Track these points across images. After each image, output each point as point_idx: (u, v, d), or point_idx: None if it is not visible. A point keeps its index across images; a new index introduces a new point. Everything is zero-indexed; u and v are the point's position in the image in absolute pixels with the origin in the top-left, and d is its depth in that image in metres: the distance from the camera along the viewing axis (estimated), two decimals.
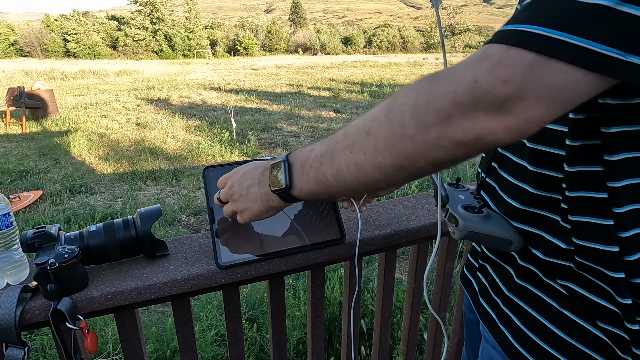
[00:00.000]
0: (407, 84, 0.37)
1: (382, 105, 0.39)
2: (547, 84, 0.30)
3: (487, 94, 0.31)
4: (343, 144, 0.41)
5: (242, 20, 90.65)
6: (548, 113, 0.31)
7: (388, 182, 0.40)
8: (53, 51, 51.96)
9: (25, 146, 6.46)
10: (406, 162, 0.36)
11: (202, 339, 1.86)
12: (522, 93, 0.30)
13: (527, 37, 0.31)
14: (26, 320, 0.61)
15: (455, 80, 0.33)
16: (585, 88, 0.31)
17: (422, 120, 0.34)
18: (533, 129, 0.32)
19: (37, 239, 0.64)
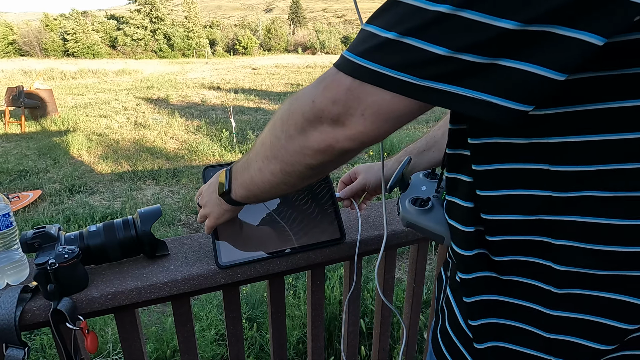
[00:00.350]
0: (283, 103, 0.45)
1: (270, 120, 0.46)
2: (365, 104, 0.35)
3: (323, 111, 0.37)
4: (253, 153, 0.49)
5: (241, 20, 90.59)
6: (377, 127, 0.36)
7: (288, 184, 0.47)
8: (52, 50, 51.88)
9: (24, 146, 6.45)
10: (288, 167, 0.44)
11: (202, 338, 1.86)
12: (348, 110, 0.36)
13: (346, 63, 0.36)
14: (26, 321, 0.61)
15: (303, 100, 0.39)
16: (402, 107, 0.34)
17: (288, 133, 0.41)
18: (371, 138, 0.37)
19: (37, 239, 0.64)
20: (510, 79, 0.29)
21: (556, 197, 0.37)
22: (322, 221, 0.81)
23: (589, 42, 0.27)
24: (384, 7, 0.34)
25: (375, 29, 0.33)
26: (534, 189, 0.38)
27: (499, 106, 0.30)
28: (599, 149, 0.34)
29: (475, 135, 0.40)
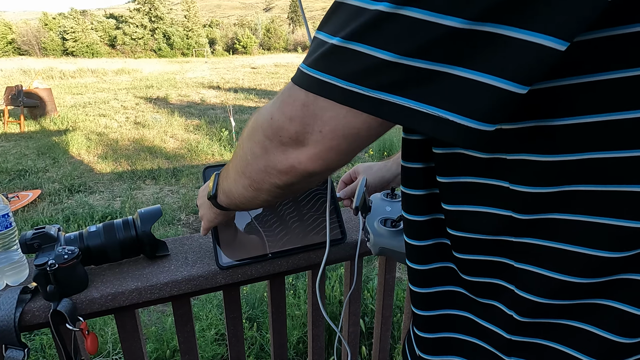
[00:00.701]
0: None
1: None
2: (321, 120, 0.31)
3: (281, 129, 0.34)
4: (231, 163, 0.47)
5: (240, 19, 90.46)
6: (337, 145, 0.32)
7: (261, 200, 0.44)
8: (51, 50, 51.78)
9: (23, 145, 6.44)
10: (256, 183, 0.41)
11: (202, 338, 1.86)
12: (306, 128, 0.32)
13: (299, 75, 0.33)
14: (26, 322, 0.61)
15: (263, 116, 0.36)
16: (359, 123, 0.31)
17: (253, 150, 0.38)
18: (334, 160, 0.34)
19: (37, 240, 0.64)
20: (463, 90, 0.26)
21: (518, 218, 0.34)
22: (324, 222, 0.80)
23: (548, 46, 0.23)
24: (330, 10, 0.31)
25: (323, 35, 0.30)
26: (497, 208, 0.35)
27: (454, 123, 0.26)
28: (560, 169, 0.31)
29: (438, 144, 0.38)
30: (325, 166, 0.34)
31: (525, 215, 0.34)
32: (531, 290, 0.35)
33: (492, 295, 0.39)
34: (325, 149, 0.33)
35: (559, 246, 0.33)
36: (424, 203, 0.42)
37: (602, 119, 0.29)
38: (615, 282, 0.33)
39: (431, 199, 0.41)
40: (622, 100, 0.28)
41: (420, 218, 0.43)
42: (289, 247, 0.77)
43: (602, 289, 0.34)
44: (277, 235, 0.77)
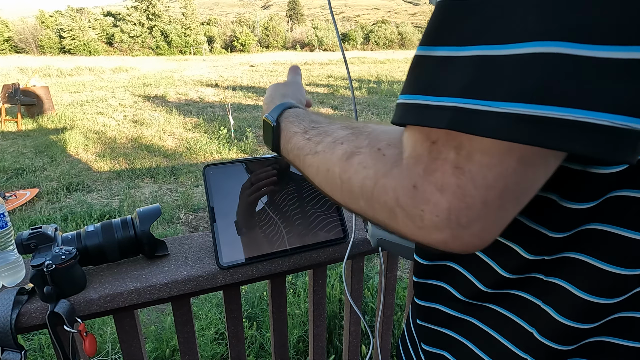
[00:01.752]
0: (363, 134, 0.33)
1: (342, 151, 0.34)
2: (483, 186, 0.23)
3: (429, 203, 0.25)
4: (313, 161, 0.39)
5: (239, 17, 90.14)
6: (508, 213, 0.25)
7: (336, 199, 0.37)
8: (48, 48, 51.52)
9: (21, 144, 6.40)
10: (350, 202, 0.34)
11: (202, 337, 1.85)
12: (463, 202, 0.24)
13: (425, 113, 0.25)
14: (22, 323, 0.60)
15: (396, 178, 0.27)
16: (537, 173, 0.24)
17: (370, 204, 0.30)
18: (496, 234, 0.26)
19: (33, 240, 0.63)
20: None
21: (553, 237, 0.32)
22: (325, 220, 0.79)
23: None
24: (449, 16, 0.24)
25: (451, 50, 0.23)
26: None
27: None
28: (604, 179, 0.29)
29: None
30: (479, 247, 0.26)
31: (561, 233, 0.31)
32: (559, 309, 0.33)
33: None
34: (489, 225, 0.25)
35: (591, 261, 0.31)
36: None
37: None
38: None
39: None
40: None
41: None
42: (291, 247, 0.76)
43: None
44: (278, 234, 0.76)
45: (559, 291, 0.33)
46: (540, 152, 0.23)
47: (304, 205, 0.78)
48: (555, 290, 0.33)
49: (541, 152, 0.23)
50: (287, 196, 0.78)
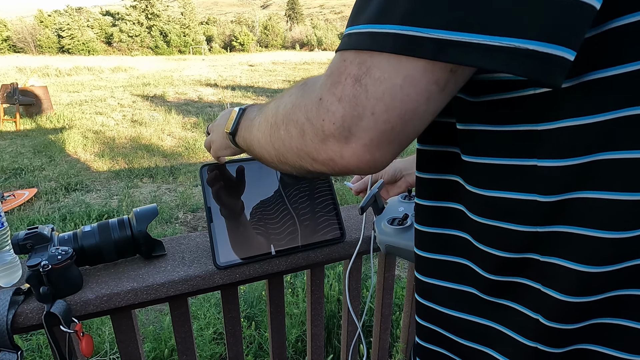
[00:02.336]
0: (296, 82, 0.38)
1: (282, 94, 0.39)
2: (374, 97, 0.27)
3: (327, 112, 0.29)
4: (259, 120, 0.43)
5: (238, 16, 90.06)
6: (392, 129, 0.28)
7: (282, 169, 0.40)
8: (47, 47, 51.42)
9: (19, 143, 6.39)
10: (283, 158, 0.37)
11: (200, 337, 1.85)
12: (356, 109, 0.28)
13: (346, 39, 0.29)
14: (19, 324, 0.60)
15: (309, 95, 0.31)
16: (419, 92, 0.27)
17: (288, 129, 0.34)
18: (386, 151, 0.29)
19: (29, 240, 0.63)
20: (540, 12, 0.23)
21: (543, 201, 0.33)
22: (322, 220, 0.79)
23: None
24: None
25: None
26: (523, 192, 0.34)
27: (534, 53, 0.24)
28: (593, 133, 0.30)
29: (463, 120, 0.36)
30: (371, 164, 0.29)
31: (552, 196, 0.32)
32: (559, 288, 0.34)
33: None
34: (376, 137, 0.28)
35: (587, 232, 0.32)
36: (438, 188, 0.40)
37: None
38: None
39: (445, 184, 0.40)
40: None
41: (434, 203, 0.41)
42: (288, 247, 0.76)
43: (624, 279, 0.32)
44: (275, 234, 0.76)
45: (557, 269, 0.33)
46: (424, 72, 0.26)
47: (301, 206, 0.78)
48: (553, 270, 0.33)
49: (426, 72, 0.26)
50: (284, 197, 0.78)
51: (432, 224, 0.42)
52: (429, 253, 0.43)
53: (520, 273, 0.36)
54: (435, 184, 0.41)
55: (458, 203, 0.39)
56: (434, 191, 0.41)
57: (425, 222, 0.43)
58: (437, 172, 0.40)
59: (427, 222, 0.42)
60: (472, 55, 0.25)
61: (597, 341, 0.35)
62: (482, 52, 0.24)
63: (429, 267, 0.43)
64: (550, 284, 0.34)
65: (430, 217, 0.42)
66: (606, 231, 0.31)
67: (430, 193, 0.41)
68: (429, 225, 0.42)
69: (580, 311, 0.34)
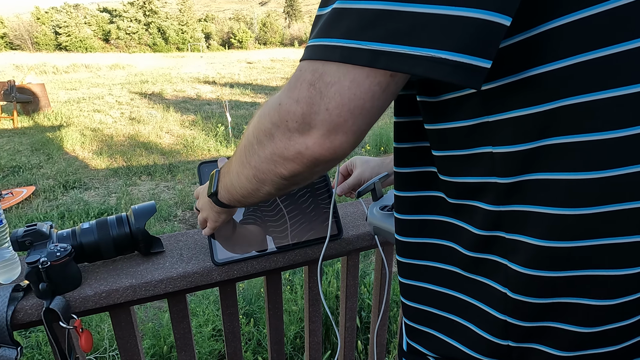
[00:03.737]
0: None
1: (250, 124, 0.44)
2: (326, 97, 0.32)
3: (288, 113, 0.34)
4: (235, 155, 0.46)
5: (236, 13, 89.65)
6: (345, 122, 0.33)
7: (264, 192, 0.44)
8: (44, 44, 51.11)
9: (17, 141, 6.37)
10: (261, 174, 0.41)
11: (199, 334, 1.86)
12: (312, 108, 0.33)
13: (305, 51, 0.34)
14: (18, 320, 0.60)
15: (271, 103, 0.37)
16: (364, 92, 0.32)
17: (259, 138, 0.38)
18: (344, 140, 0.34)
19: (28, 237, 0.63)
20: (453, 27, 0.28)
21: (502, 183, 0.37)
22: (320, 217, 0.80)
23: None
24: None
25: (322, 10, 0.34)
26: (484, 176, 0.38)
27: (449, 61, 0.29)
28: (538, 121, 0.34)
29: (430, 120, 0.40)
30: (332, 150, 0.34)
31: (509, 178, 0.36)
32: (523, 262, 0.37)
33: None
34: (333, 127, 0.33)
35: (541, 210, 0.35)
36: (416, 179, 0.45)
37: (579, 60, 0.31)
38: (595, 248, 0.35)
39: (422, 175, 0.44)
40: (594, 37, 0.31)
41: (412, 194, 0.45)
42: (285, 244, 0.76)
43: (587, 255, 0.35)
44: (273, 231, 0.76)
45: (520, 245, 0.37)
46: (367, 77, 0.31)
47: (299, 202, 0.79)
48: (517, 246, 0.37)
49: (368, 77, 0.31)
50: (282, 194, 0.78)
51: (414, 211, 0.45)
52: (412, 238, 0.46)
53: (491, 250, 0.39)
54: (414, 176, 0.45)
55: (436, 191, 0.43)
56: (413, 183, 0.45)
57: (406, 210, 0.46)
58: (414, 165, 0.45)
59: (409, 210, 0.46)
60: (400, 63, 0.30)
61: (563, 319, 0.38)
62: (409, 60, 0.29)
63: (412, 250, 0.47)
64: (514, 259, 0.37)
65: (411, 206, 0.45)
66: (559, 208, 0.34)
67: (409, 185, 0.45)
68: (411, 214, 0.46)
69: (544, 286, 0.37)
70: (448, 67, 0.29)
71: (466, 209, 0.40)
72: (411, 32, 0.29)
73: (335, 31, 0.32)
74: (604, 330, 0.36)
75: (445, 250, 0.43)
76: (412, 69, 0.29)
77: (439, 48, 0.29)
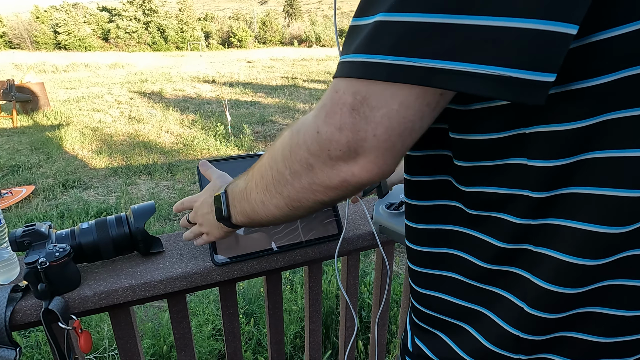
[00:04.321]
0: (282, 132, 0.41)
1: (269, 150, 0.42)
2: (373, 122, 0.30)
3: (330, 142, 0.32)
4: (252, 184, 0.45)
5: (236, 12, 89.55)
6: (393, 146, 0.31)
7: (296, 216, 0.42)
8: (43, 43, 51.04)
9: (16, 140, 6.36)
10: (295, 202, 0.39)
11: (199, 334, 1.86)
12: (359, 134, 0.31)
13: (341, 67, 0.31)
14: (17, 321, 0.60)
15: (305, 132, 0.34)
16: (413, 114, 0.30)
17: (293, 169, 0.37)
18: (391, 162, 0.33)
19: (27, 237, 0.63)
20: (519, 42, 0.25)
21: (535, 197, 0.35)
22: (320, 217, 0.79)
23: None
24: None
25: (362, 20, 0.30)
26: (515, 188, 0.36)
27: (516, 80, 0.26)
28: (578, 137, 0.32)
29: (456, 130, 0.38)
30: (380, 173, 0.33)
31: (543, 192, 0.34)
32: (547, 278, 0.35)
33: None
34: (381, 153, 0.31)
35: (575, 225, 0.33)
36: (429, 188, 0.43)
37: (627, 74, 0.29)
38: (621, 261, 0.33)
39: (436, 184, 0.42)
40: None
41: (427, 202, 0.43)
42: (286, 243, 0.76)
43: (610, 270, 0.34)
44: (273, 230, 0.76)
45: (547, 260, 0.35)
46: (417, 97, 0.29)
47: None
48: (544, 260, 0.35)
49: (418, 97, 0.29)
50: None
51: (427, 221, 0.44)
52: (425, 247, 0.45)
53: (514, 262, 0.37)
54: (427, 184, 0.42)
55: (452, 200, 0.41)
56: (426, 191, 0.43)
57: (419, 219, 0.44)
58: (428, 174, 0.42)
59: (420, 219, 0.44)
60: (458, 81, 0.27)
61: (578, 328, 0.37)
62: (469, 78, 0.27)
63: (426, 259, 0.45)
64: (539, 274, 0.36)
65: (423, 214, 0.44)
66: (593, 224, 0.33)
67: (421, 193, 0.43)
68: (424, 223, 0.44)
69: (565, 301, 0.35)
70: (516, 86, 0.26)
71: (488, 220, 0.38)
72: (471, 47, 0.26)
73: (379, 46, 0.28)
74: (621, 341, 0.35)
75: (460, 261, 0.42)
76: (473, 88, 0.27)
77: (504, 65, 0.26)
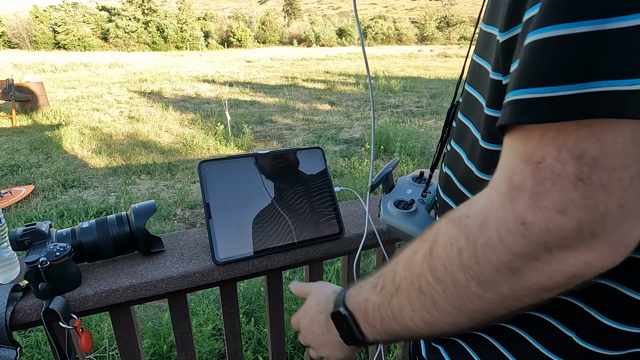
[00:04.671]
0: (433, 227, 0.31)
1: (420, 254, 0.33)
2: (617, 187, 0.21)
3: (550, 231, 0.23)
4: (400, 300, 0.36)
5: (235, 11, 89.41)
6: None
7: (475, 328, 0.33)
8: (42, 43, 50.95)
9: (15, 140, 6.35)
10: (484, 315, 0.31)
11: (199, 333, 1.85)
12: (596, 212, 0.22)
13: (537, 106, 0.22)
14: (17, 320, 0.60)
15: (496, 229, 0.26)
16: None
17: (483, 278, 0.28)
18: (635, 238, 0.24)
19: (27, 237, 0.62)
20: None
21: None
22: (321, 217, 0.79)
23: None
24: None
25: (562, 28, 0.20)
26: None
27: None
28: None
29: None
30: (625, 253, 0.24)
31: None
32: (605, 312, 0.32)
33: None
34: (629, 227, 0.23)
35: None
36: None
37: None
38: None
39: None
40: None
41: None
42: (287, 243, 0.76)
43: None
44: (274, 230, 0.76)
45: (607, 292, 0.30)
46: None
47: (300, 202, 0.78)
48: (602, 292, 0.30)
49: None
50: (283, 193, 0.78)
51: None
52: None
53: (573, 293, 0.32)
54: None
55: None
56: None
57: None
58: None
59: None
60: None
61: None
62: None
63: None
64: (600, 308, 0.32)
65: None
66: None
67: None
68: None
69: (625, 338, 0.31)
70: None
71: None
72: None
73: (601, 70, 0.20)
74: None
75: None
76: None
77: None
